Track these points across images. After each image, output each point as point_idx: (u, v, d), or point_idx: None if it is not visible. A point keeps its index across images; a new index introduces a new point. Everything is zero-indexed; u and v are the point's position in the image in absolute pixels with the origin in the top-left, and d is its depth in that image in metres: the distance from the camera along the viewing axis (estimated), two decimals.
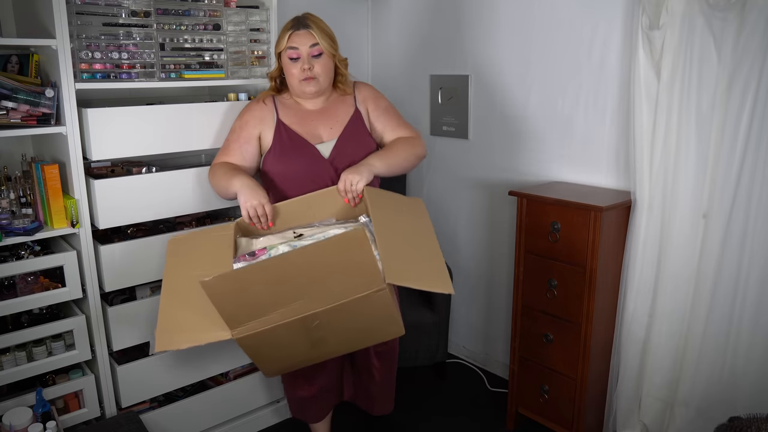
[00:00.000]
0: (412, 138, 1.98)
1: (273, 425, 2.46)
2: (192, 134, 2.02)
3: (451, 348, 3.05)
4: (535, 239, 2.16)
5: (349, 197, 1.78)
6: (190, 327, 1.55)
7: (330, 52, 1.84)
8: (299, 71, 1.82)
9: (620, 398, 2.18)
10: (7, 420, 1.70)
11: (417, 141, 1.98)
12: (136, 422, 1.92)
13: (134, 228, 2.12)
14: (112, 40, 1.85)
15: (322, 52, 1.82)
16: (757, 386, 1.88)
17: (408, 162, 1.93)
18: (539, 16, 2.38)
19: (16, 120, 1.74)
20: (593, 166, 2.29)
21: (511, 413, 2.41)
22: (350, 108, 1.95)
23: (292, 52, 1.81)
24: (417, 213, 1.83)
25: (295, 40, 1.80)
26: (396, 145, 1.94)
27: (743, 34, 1.73)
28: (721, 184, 1.86)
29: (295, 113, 1.91)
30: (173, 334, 1.54)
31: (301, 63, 1.81)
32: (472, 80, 2.69)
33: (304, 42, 1.80)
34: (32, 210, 1.87)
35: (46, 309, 2.00)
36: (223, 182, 1.84)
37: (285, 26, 1.85)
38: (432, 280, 1.59)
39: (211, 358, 2.22)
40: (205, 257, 1.66)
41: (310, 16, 1.84)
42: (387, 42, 3.08)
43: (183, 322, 1.56)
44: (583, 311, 2.05)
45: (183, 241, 1.78)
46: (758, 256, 1.82)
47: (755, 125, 1.76)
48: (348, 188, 1.76)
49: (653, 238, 2.04)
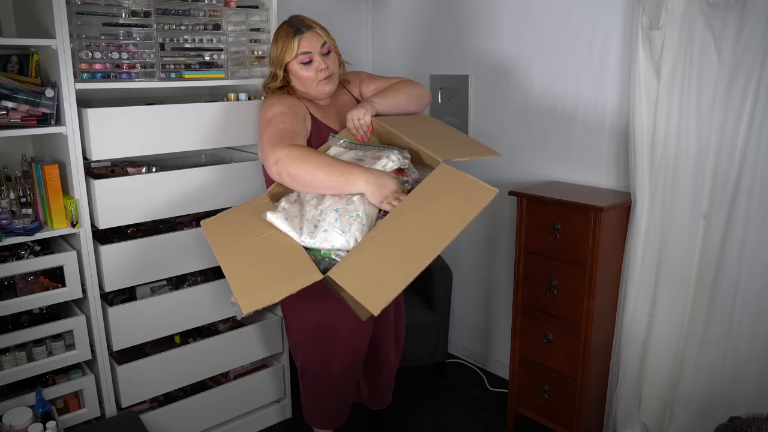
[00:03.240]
0: (406, 80, 1.98)
1: (273, 425, 2.46)
2: (192, 134, 2.02)
3: (451, 348, 3.05)
4: (535, 239, 2.16)
5: (360, 133, 1.78)
6: (268, 283, 1.51)
7: (335, 47, 1.83)
8: (315, 73, 1.77)
9: (620, 398, 2.18)
10: (7, 420, 1.70)
11: (413, 82, 1.97)
12: (136, 422, 1.92)
13: (134, 228, 2.12)
14: (112, 40, 1.85)
15: (330, 50, 1.81)
16: (757, 386, 1.88)
17: (409, 99, 1.89)
18: (539, 16, 2.38)
19: (16, 120, 1.74)
20: (593, 166, 2.29)
21: (511, 413, 2.41)
22: (353, 100, 1.95)
23: (305, 56, 1.75)
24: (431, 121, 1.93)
25: (304, 44, 1.74)
26: (393, 85, 1.93)
27: (743, 34, 1.74)
28: (721, 184, 1.86)
29: (315, 108, 1.87)
30: (255, 294, 1.48)
31: (317, 65, 1.76)
32: (472, 80, 2.69)
33: (313, 44, 1.76)
34: (32, 210, 1.87)
35: (46, 309, 2.00)
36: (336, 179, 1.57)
37: (283, 33, 1.77)
38: (477, 151, 1.77)
39: (212, 358, 2.22)
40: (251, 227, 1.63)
41: (304, 18, 1.80)
42: (387, 42, 3.08)
43: (259, 282, 1.52)
44: (583, 311, 2.05)
45: (219, 220, 1.73)
46: (758, 256, 1.82)
47: (755, 125, 1.76)
48: (356, 124, 1.76)
49: (653, 238, 2.04)
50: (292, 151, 1.58)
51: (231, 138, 2.11)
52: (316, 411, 2.04)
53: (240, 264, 1.56)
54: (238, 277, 1.54)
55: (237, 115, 2.09)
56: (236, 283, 1.52)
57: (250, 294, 1.49)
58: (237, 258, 1.58)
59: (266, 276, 1.53)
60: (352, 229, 1.54)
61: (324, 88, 1.80)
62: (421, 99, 1.94)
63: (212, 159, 2.41)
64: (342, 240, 1.53)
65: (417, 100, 1.92)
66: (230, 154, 2.38)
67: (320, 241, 1.55)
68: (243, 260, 1.57)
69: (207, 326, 2.34)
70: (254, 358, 2.38)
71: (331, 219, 1.55)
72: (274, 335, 2.38)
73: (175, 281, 2.24)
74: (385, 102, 1.83)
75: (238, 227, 1.67)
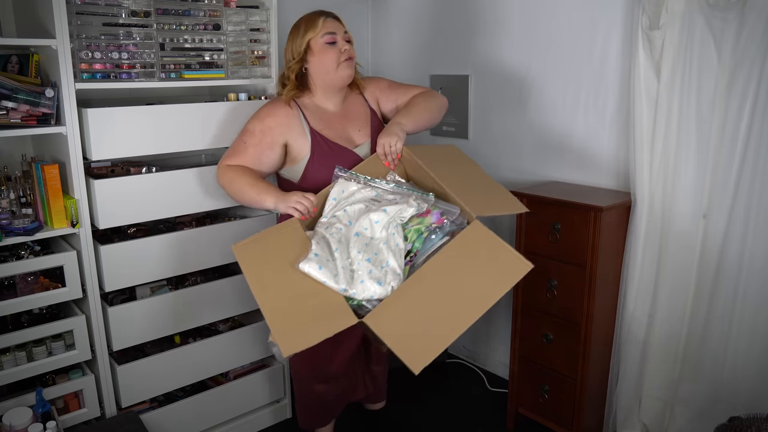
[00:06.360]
0: (426, 92, 2.00)
1: (273, 425, 2.46)
2: (192, 134, 2.02)
3: (451, 348, 3.05)
4: (535, 239, 2.16)
5: (389, 159, 1.81)
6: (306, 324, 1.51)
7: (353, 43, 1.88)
8: (338, 53, 1.82)
9: (620, 398, 2.18)
10: (7, 420, 1.70)
11: (432, 92, 2.00)
12: (136, 422, 1.92)
13: (134, 228, 2.12)
14: (112, 40, 1.85)
15: (350, 40, 1.87)
16: (757, 386, 1.88)
17: (432, 113, 1.94)
18: (539, 16, 2.38)
19: (16, 120, 1.74)
20: (593, 166, 2.29)
21: (511, 413, 2.41)
22: (365, 108, 1.97)
23: (330, 36, 1.81)
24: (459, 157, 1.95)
25: (329, 25, 1.82)
26: (414, 101, 1.95)
27: (743, 34, 1.73)
28: (721, 184, 1.86)
29: (321, 117, 1.89)
30: (296, 334, 1.49)
31: (339, 45, 1.82)
32: (472, 80, 2.69)
33: (338, 27, 1.84)
34: (32, 210, 1.87)
35: (46, 309, 2.00)
36: (250, 193, 1.78)
37: (305, 18, 1.84)
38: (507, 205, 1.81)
39: (211, 358, 2.22)
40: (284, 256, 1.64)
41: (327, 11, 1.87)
42: (387, 42, 3.08)
43: (297, 321, 1.52)
44: (583, 311, 2.05)
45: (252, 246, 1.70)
46: (758, 256, 1.82)
47: (755, 125, 1.76)
48: (387, 151, 1.80)
49: (653, 238, 2.04)
50: (225, 167, 1.85)
51: (231, 138, 2.10)
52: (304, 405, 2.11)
53: (276, 300, 1.56)
54: (276, 314, 1.53)
55: (237, 115, 2.09)
56: (274, 322, 1.52)
57: (288, 335, 1.49)
58: (273, 292, 1.57)
59: (303, 316, 1.53)
60: (387, 278, 1.57)
61: (344, 72, 1.83)
62: (442, 110, 2.01)
63: (212, 159, 2.41)
64: (380, 291, 1.55)
65: (439, 113, 1.99)
66: None
67: (360, 292, 1.57)
68: (279, 296, 1.56)
69: (207, 326, 2.34)
70: (254, 358, 2.38)
71: (365, 270, 1.58)
72: None
73: (175, 281, 2.24)
74: (414, 122, 1.88)
75: (271, 255, 1.66)
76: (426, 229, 1.66)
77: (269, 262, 1.64)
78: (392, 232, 1.64)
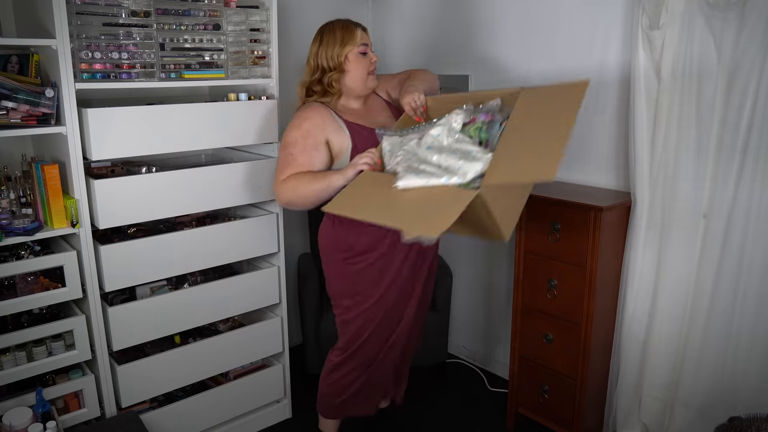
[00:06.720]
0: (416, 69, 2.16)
1: (273, 425, 2.47)
2: (192, 134, 2.02)
3: (451, 348, 3.05)
4: (535, 239, 2.16)
5: (419, 113, 1.91)
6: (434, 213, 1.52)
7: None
8: (368, 64, 1.93)
9: (620, 398, 2.18)
10: (7, 420, 1.70)
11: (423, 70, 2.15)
12: (136, 422, 1.92)
13: (134, 228, 2.12)
14: (112, 40, 1.85)
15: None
16: (757, 386, 1.88)
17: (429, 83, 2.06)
18: (539, 16, 2.38)
19: (16, 120, 1.74)
20: (593, 166, 2.29)
21: (511, 413, 2.41)
22: (382, 101, 2.08)
23: (364, 47, 1.92)
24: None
25: (364, 37, 1.93)
26: (412, 75, 2.08)
27: (743, 34, 1.73)
28: (721, 184, 1.86)
29: (351, 113, 1.96)
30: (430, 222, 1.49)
31: (370, 57, 1.94)
32: (472, 80, 2.69)
33: (369, 40, 1.96)
34: (32, 210, 1.87)
35: (46, 309, 2.00)
36: (316, 187, 1.80)
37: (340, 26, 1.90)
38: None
39: (211, 358, 2.22)
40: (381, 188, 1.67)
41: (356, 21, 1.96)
42: (387, 42, 3.08)
43: (424, 214, 1.53)
44: (583, 311, 2.05)
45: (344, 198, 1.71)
46: (758, 256, 1.82)
47: (755, 125, 1.76)
48: (415, 106, 1.91)
49: (653, 238, 2.04)
50: (284, 181, 1.86)
51: (231, 138, 2.11)
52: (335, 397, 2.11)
53: (399, 212, 1.58)
54: (400, 218, 1.55)
55: (237, 115, 2.09)
56: (404, 222, 1.53)
57: (425, 224, 1.50)
58: (392, 212, 1.59)
59: (429, 209, 1.54)
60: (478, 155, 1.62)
61: (372, 83, 1.97)
62: (434, 82, 2.13)
63: (212, 159, 2.41)
64: (479, 164, 1.59)
65: (433, 84, 2.11)
66: (230, 154, 2.38)
67: (462, 175, 1.59)
68: (399, 210, 1.59)
69: (207, 326, 2.34)
70: (254, 358, 2.38)
71: (454, 160, 1.62)
72: (274, 335, 2.38)
73: (175, 281, 2.24)
74: (423, 84, 2.01)
75: (369, 193, 1.69)
76: (483, 124, 1.73)
77: (367, 195, 1.68)
78: (457, 137, 1.71)
